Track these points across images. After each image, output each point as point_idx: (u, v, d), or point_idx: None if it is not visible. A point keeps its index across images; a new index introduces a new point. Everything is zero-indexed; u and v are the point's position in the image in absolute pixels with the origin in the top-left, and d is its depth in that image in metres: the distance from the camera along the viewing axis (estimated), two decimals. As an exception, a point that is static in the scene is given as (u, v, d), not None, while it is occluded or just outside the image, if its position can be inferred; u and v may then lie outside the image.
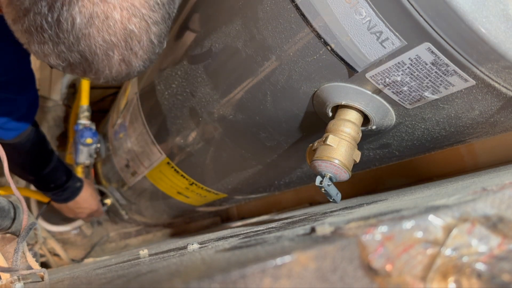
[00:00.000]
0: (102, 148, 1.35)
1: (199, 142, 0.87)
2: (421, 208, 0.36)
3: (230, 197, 1.08)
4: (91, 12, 0.51)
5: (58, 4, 0.50)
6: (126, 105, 1.11)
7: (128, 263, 0.59)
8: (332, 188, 0.59)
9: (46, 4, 0.50)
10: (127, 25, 0.53)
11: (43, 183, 1.14)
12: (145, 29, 0.54)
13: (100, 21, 0.51)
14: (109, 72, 0.57)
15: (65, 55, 0.54)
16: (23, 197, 0.68)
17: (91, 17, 0.51)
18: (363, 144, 0.68)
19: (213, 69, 0.70)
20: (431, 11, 0.44)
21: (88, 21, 0.51)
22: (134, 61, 0.56)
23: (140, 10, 0.53)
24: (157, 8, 0.54)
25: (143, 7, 0.53)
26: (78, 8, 0.50)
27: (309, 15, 0.52)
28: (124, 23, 0.52)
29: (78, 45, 0.53)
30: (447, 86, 0.51)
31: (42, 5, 0.50)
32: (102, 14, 0.51)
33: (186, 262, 0.40)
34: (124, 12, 0.52)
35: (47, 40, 0.53)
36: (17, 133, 0.90)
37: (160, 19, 0.55)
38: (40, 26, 0.52)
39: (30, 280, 0.56)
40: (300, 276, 0.28)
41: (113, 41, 0.53)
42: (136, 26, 0.53)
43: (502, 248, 0.32)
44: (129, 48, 0.55)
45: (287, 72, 0.60)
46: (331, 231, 0.35)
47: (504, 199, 0.34)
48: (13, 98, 0.84)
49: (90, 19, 0.51)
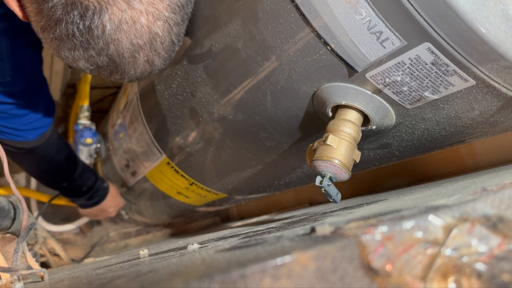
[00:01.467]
0: (102, 148, 1.35)
1: (199, 142, 0.87)
2: (421, 208, 0.36)
3: (230, 197, 1.08)
4: (120, 19, 0.54)
5: (89, 13, 0.53)
6: (126, 105, 1.11)
7: (128, 263, 0.59)
8: (332, 188, 0.59)
9: (78, 13, 0.53)
10: (153, 28, 0.56)
11: (76, 188, 1.14)
12: (168, 30, 0.58)
13: (128, 26, 0.55)
14: (134, 72, 0.60)
15: (94, 59, 0.58)
16: (23, 197, 0.68)
17: (120, 23, 0.54)
18: (363, 144, 0.68)
19: (213, 69, 0.70)
20: (431, 11, 0.44)
21: (118, 27, 0.54)
22: (157, 60, 0.60)
23: (164, 14, 0.56)
24: (178, 10, 0.58)
25: (166, 10, 0.56)
26: (108, 15, 0.53)
27: (309, 15, 0.52)
28: (150, 26, 0.56)
29: (108, 50, 0.56)
30: (447, 86, 0.51)
31: (74, 15, 0.53)
32: (130, 19, 0.54)
33: (186, 262, 0.40)
34: (150, 16, 0.55)
35: (78, 47, 0.56)
36: (40, 132, 0.92)
37: (180, 20, 0.59)
38: (72, 34, 0.55)
39: (30, 280, 0.56)
40: (300, 276, 0.28)
41: (140, 44, 0.57)
42: (160, 28, 0.57)
43: (502, 248, 0.32)
44: (154, 49, 0.58)
45: (287, 72, 0.60)
46: (331, 231, 0.35)
47: (504, 199, 0.34)
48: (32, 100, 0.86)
49: (119, 25, 0.54)
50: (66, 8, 0.53)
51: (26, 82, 0.82)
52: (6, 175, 0.67)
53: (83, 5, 0.53)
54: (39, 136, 0.92)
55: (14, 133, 0.88)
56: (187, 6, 0.60)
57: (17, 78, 0.79)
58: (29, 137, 0.90)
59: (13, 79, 0.78)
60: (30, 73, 0.83)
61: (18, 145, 0.92)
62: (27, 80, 0.82)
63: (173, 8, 0.57)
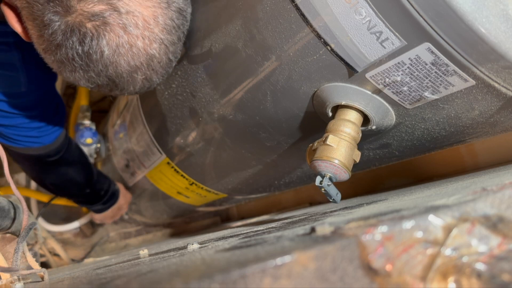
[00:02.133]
0: (102, 148, 1.35)
1: (199, 142, 0.87)
2: (421, 208, 0.36)
3: (230, 197, 1.08)
4: (117, 43, 0.56)
5: (88, 39, 0.56)
6: (126, 105, 1.11)
7: (128, 263, 0.59)
8: (332, 188, 0.59)
9: (77, 39, 0.56)
10: (149, 51, 0.59)
11: (96, 192, 1.16)
12: (164, 51, 0.60)
13: (125, 50, 0.57)
14: (133, 88, 0.63)
15: (94, 79, 0.60)
16: (23, 197, 0.68)
17: (117, 47, 0.57)
18: (363, 144, 0.68)
19: (213, 69, 0.70)
20: (431, 11, 0.44)
21: (115, 51, 0.57)
22: (154, 77, 0.63)
23: (159, 36, 0.59)
24: (174, 31, 0.60)
25: (162, 32, 0.59)
26: (106, 41, 0.56)
27: (309, 15, 0.52)
28: (146, 49, 0.58)
29: (107, 71, 0.59)
30: (447, 86, 0.51)
31: (73, 41, 0.56)
32: (127, 44, 0.57)
33: (186, 262, 0.40)
34: (146, 40, 0.58)
35: (78, 69, 0.59)
36: (55, 136, 0.93)
37: (176, 39, 0.61)
38: (72, 58, 0.58)
39: (30, 280, 0.56)
40: (300, 276, 0.28)
41: (137, 65, 0.59)
42: (156, 50, 0.59)
43: (502, 248, 0.32)
44: (151, 69, 0.61)
45: (287, 72, 0.60)
46: (331, 231, 0.35)
47: (504, 199, 0.34)
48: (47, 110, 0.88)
49: (116, 49, 0.57)
50: (66, 34, 0.56)
51: (41, 93, 0.84)
52: (6, 175, 0.67)
53: (81, 32, 0.55)
54: (53, 140, 0.93)
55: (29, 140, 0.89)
56: (183, 26, 0.62)
57: (31, 89, 0.80)
58: (44, 141, 0.92)
59: (27, 90, 0.80)
60: (43, 84, 0.84)
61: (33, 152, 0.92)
62: (41, 90, 0.84)
63: (168, 30, 0.59)
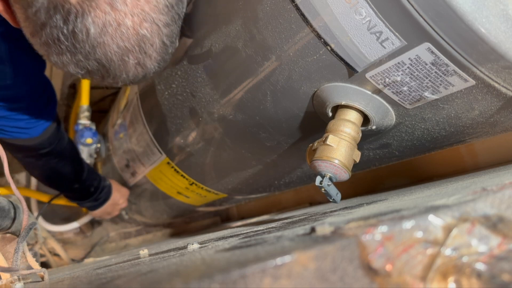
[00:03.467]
0: (102, 148, 1.35)
1: (199, 142, 0.87)
2: (421, 208, 0.36)
3: (230, 197, 1.08)
4: (104, 21, 0.53)
5: (72, 16, 0.52)
6: (126, 105, 1.11)
7: (128, 263, 0.59)
8: (332, 188, 0.59)
9: (61, 18, 0.52)
10: (139, 30, 0.55)
11: (86, 188, 1.15)
12: (157, 32, 0.56)
13: (113, 29, 0.54)
14: (126, 76, 0.59)
15: (83, 63, 0.57)
16: (23, 197, 0.68)
17: (104, 26, 0.53)
18: (363, 144, 0.68)
19: (213, 69, 0.70)
20: (431, 11, 0.44)
21: (102, 30, 0.53)
22: (149, 63, 0.59)
23: (150, 15, 0.55)
24: (167, 10, 0.56)
25: (153, 11, 0.55)
26: (91, 18, 0.52)
27: (309, 15, 0.52)
28: (136, 28, 0.55)
29: (95, 54, 0.55)
30: (447, 86, 0.51)
31: (57, 19, 0.52)
32: (114, 22, 0.53)
33: (186, 262, 0.40)
34: (135, 18, 0.54)
35: (65, 51, 0.55)
36: (44, 127, 0.92)
37: (170, 20, 0.57)
38: (57, 38, 0.54)
39: (30, 280, 0.56)
40: (300, 276, 0.28)
41: (127, 47, 0.56)
42: (148, 30, 0.55)
43: (502, 248, 0.32)
44: (143, 52, 0.57)
45: (287, 72, 0.60)
46: (331, 231, 0.35)
47: (504, 199, 0.34)
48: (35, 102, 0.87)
49: (103, 28, 0.53)
50: (49, 12, 0.53)
51: (28, 86, 0.83)
52: (6, 175, 0.67)
53: (65, 9, 0.52)
54: (41, 132, 0.92)
55: (17, 131, 0.88)
56: (177, 6, 0.58)
57: (19, 82, 0.79)
58: (32, 134, 0.91)
59: (14, 82, 0.78)
60: (31, 76, 0.83)
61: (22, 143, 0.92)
62: (29, 83, 0.82)
63: (160, 9, 0.55)
